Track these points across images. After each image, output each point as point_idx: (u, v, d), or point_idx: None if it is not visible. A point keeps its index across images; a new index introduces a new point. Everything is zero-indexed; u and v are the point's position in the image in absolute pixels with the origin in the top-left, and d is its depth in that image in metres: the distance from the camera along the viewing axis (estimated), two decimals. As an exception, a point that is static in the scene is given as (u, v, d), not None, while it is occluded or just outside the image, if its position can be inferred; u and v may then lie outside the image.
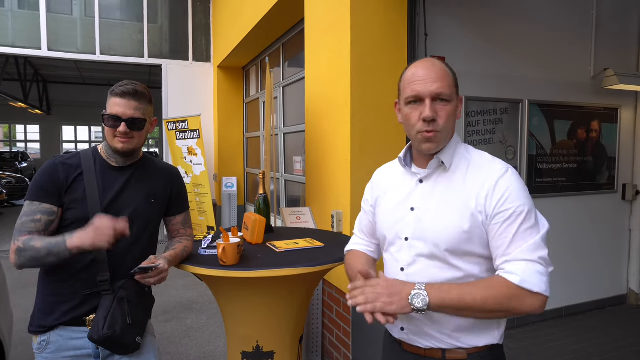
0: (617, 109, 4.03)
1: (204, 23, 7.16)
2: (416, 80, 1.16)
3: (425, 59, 1.23)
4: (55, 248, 1.39)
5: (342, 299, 2.86)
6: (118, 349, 1.48)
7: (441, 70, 1.17)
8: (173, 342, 3.54)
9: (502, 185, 1.12)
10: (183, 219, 1.79)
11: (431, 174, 1.22)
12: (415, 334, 1.23)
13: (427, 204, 1.20)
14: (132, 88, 1.51)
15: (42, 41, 6.39)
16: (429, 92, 1.14)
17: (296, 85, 4.56)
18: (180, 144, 5.79)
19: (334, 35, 2.87)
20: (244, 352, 1.94)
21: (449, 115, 1.16)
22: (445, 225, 1.14)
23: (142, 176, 1.63)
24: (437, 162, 1.20)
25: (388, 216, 1.29)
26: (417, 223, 1.20)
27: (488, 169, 1.16)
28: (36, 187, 1.47)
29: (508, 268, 1.07)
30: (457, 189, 1.17)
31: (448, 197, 1.17)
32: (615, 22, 3.94)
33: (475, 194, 1.13)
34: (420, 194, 1.22)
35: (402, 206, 1.25)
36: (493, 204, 1.11)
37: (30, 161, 17.61)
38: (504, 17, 3.41)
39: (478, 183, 1.15)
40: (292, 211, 3.10)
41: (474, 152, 1.24)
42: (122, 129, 1.49)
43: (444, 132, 1.16)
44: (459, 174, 1.19)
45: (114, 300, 1.46)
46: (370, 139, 2.75)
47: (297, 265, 1.70)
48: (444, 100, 1.15)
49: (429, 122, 1.14)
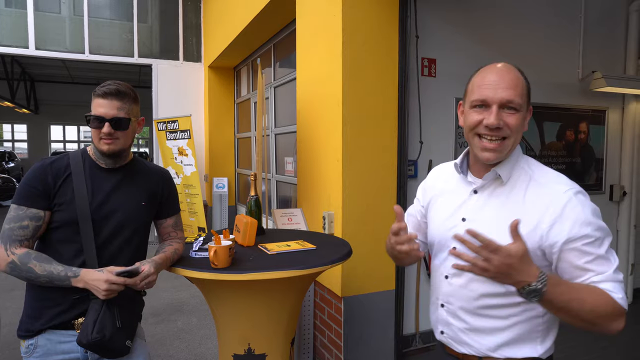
0: (604, 110, 4.08)
1: (195, 23, 7.11)
2: (486, 84, 1.11)
3: (502, 64, 1.16)
4: (56, 280, 1.41)
5: (334, 301, 2.86)
6: (107, 353, 1.47)
7: (515, 77, 1.12)
8: (163, 345, 3.52)
9: (572, 211, 1.06)
10: (174, 221, 1.78)
11: (487, 186, 1.18)
12: (453, 339, 1.24)
13: (479, 216, 1.16)
14: (114, 88, 1.49)
15: (29, 40, 6.30)
16: (498, 98, 1.09)
17: (288, 86, 4.55)
18: (171, 145, 5.75)
19: (326, 36, 2.87)
20: (235, 354, 1.93)
21: (517, 125, 1.10)
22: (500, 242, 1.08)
23: (133, 178, 1.61)
24: (494, 175, 1.15)
25: (439, 223, 1.27)
26: None
27: (552, 190, 1.10)
28: (24, 190, 1.45)
29: (604, 287, 1.03)
30: (514, 206, 1.12)
31: (503, 213, 1.12)
32: (602, 25, 3.99)
33: (537, 216, 1.08)
34: (473, 205, 1.19)
35: (454, 215, 1.22)
36: (564, 232, 1.05)
37: (18, 161, 17.35)
38: (494, 19, 3.44)
39: (541, 205, 1.09)
40: (283, 212, 3.09)
41: (535, 167, 1.18)
42: (106, 129, 1.46)
43: (507, 143, 1.11)
44: (517, 190, 1.13)
45: (104, 304, 1.45)
46: (362, 140, 2.76)
47: (289, 267, 1.70)
48: (512, 108, 1.10)
49: (492, 130, 1.09)
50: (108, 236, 1.52)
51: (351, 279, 2.77)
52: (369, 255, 2.81)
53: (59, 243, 1.48)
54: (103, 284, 1.39)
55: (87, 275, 1.41)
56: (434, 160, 3.18)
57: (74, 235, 1.47)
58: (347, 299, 2.77)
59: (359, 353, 2.82)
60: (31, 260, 1.40)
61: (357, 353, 2.81)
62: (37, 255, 1.43)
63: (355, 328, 2.80)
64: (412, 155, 3.09)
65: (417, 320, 3.21)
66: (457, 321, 1.22)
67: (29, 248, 1.46)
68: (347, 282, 2.77)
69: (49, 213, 1.47)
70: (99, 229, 1.50)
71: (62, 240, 1.48)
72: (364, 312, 2.83)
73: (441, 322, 1.27)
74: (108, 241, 1.52)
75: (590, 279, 1.05)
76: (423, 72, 3.14)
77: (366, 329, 2.84)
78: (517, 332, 1.14)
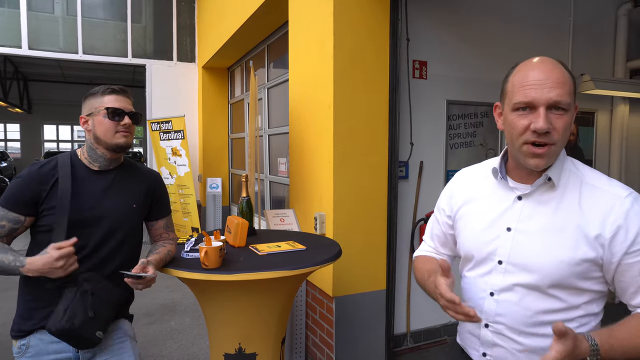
0: (593, 113, 4.14)
1: (189, 23, 7.12)
2: (530, 83, 0.99)
3: (543, 58, 1.03)
4: (6, 269, 1.39)
5: (325, 300, 2.89)
6: (76, 342, 1.45)
7: (562, 73, 1.00)
8: (156, 345, 3.53)
9: (635, 218, 0.98)
10: (165, 223, 1.80)
11: (534, 192, 1.08)
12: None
13: (529, 225, 1.06)
14: (123, 87, 1.58)
15: (22, 40, 6.28)
16: (546, 99, 0.98)
17: (281, 87, 4.58)
18: (165, 145, 5.75)
19: (317, 38, 2.90)
20: (226, 354, 1.95)
21: (566, 128, 1.00)
22: (556, 255, 1.01)
23: (124, 180, 1.63)
24: (545, 180, 1.05)
25: (477, 233, 1.16)
26: (515, 247, 1.07)
27: (611, 194, 1.02)
28: (10, 194, 1.47)
29: None
30: (569, 212, 1.02)
31: (557, 221, 1.03)
32: (591, 29, 4.05)
33: (599, 223, 0.99)
34: (518, 213, 1.08)
35: (496, 224, 1.11)
36: (627, 241, 0.97)
37: (10, 161, 17.23)
38: (485, 22, 3.48)
39: (601, 210, 1.00)
40: (275, 213, 3.12)
41: (583, 168, 1.09)
42: (127, 121, 1.52)
43: (557, 147, 1.01)
44: (570, 194, 1.04)
45: (77, 292, 1.44)
46: (353, 142, 2.79)
47: (279, 268, 1.73)
48: (561, 109, 0.99)
49: (541, 135, 0.99)
50: (100, 238, 1.53)
51: (342, 279, 2.80)
52: (360, 256, 2.84)
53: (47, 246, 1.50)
54: (58, 262, 1.35)
55: (35, 264, 1.37)
56: (424, 161, 3.22)
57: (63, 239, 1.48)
58: (339, 299, 2.80)
59: (350, 352, 2.85)
60: None
61: (348, 352, 2.84)
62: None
63: (346, 327, 2.83)
64: (403, 157, 3.12)
65: (408, 320, 3.25)
66: (507, 342, 1.09)
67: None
68: (339, 282, 2.80)
69: (31, 219, 1.48)
70: (91, 232, 1.51)
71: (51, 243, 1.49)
72: (355, 311, 2.86)
73: (485, 344, 1.14)
74: (100, 243, 1.53)
75: None
76: (414, 75, 3.18)
77: (357, 329, 2.87)
78: None
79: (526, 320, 1.07)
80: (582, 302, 1.04)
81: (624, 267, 0.98)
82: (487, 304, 1.12)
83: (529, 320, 1.06)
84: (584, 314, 1.06)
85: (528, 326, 1.07)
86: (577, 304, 1.04)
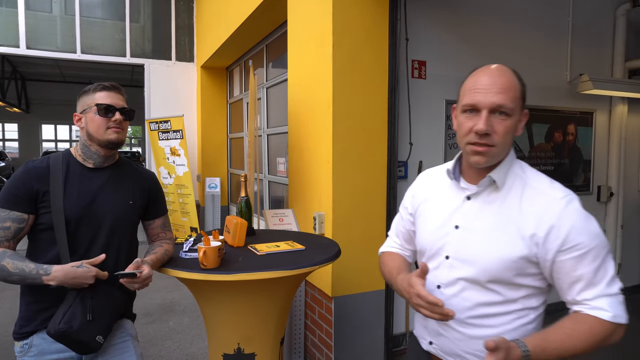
0: (592, 113, 4.14)
1: (187, 23, 7.11)
2: (477, 88, 1.08)
3: (497, 66, 1.11)
4: (29, 278, 1.39)
5: (324, 300, 2.89)
6: (75, 346, 1.44)
7: (508, 80, 1.07)
8: (155, 345, 3.52)
9: (568, 219, 1.04)
10: (162, 222, 1.79)
11: (481, 192, 1.15)
12: (443, 351, 1.21)
13: (474, 224, 1.13)
14: (114, 83, 1.58)
15: (20, 39, 6.26)
16: (490, 103, 1.05)
17: (280, 87, 4.57)
18: (163, 145, 5.74)
19: (316, 38, 2.89)
20: (225, 354, 1.95)
21: (507, 131, 1.07)
22: (495, 251, 1.08)
23: (120, 178, 1.62)
24: (489, 181, 1.12)
25: (429, 230, 1.23)
26: (460, 243, 1.15)
27: (549, 196, 1.08)
28: (7, 193, 1.46)
29: (594, 304, 1.03)
30: (509, 212, 1.09)
31: (499, 221, 1.10)
32: (590, 29, 4.05)
33: (533, 224, 1.05)
34: (466, 212, 1.16)
35: (447, 222, 1.18)
36: (559, 240, 1.04)
37: (9, 160, 17.19)
38: (484, 22, 3.48)
39: (537, 211, 1.06)
40: (274, 213, 3.11)
41: (529, 172, 1.15)
42: (118, 117, 1.52)
43: (498, 148, 1.08)
44: (513, 195, 1.11)
45: (78, 295, 1.44)
46: (352, 142, 2.79)
47: (277, 268, 1.72)
48: (504, 113, 1.06)
49: (482, 136, 1.06)
50: (97, 236, 1.53)
51: (342, 279, 2.80)
52: (359, 256, 2.83)
53: (47, 245, 1.49)
54: (91, 279, 1.40)
55: (68, 274, 1.38)
56: (424, 161, 3.21)
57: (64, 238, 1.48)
58: (338, 299, 2.80)
59: (349, 352, 2.85)
60: (5, 258, 1.40)
61: (347, 352, 2.84)
62: (12, 254, 1.42)
63: (345, 327, 2.83)
64: (402, 157, 3.12)
65: (407, 320, 3.25)
66: (449, 332, 1.18)
67: (10, 249, 1.46)
68: (338, 282, 2.80)
69: (34, 216, 1.48)
70: (87, 230, 1.51)
71: (50, 242, 1.48)
72: (354, 311, 2.86)
73: (431, 333, 1.23)
74: (97, 241, 1.53)
75: (581, 293, 1.05)
76: (413, 74, 3.17)
77: (356, 329, 2.87)
78: None
79: (467, 312, 1.14)
80: (520, 296, 1.11)
81: (558, 264, 1.05)
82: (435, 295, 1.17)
83: (469, 312, 1.14)
84: (522, 307, 1.12)
85: (467, 317, 1.14)
86: (515, 298, 1.11)
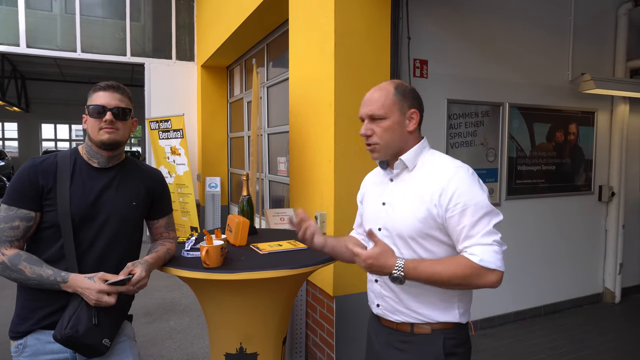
0: (593, 112, 4.13)
1: (188, 22, 7.10)
2: (362, 103, 1.42)
3: (377, 86, 1.43)
4: (46, 284, 1.40)
5: (326, 300, 2.88)
6: (82, 350, 1.44)
7: (379, 93, 1.38)
8: (156, 344, 3.52)
9: (454, 182, 1.28)
10: (166, 222, 1.78)
11: (399, 174, 1.43)
12: (388, 310, 1.42)
13: (395, 199, 1.40)
14: (114, 83, 1.57)
15: (20, 37, 6.25)
16: (364, 113, 1.40)
17: (280, 86, 4.56)
18: (163, 144, 5.73)
19: (318, 37, 2.88)
20: (227, 353, 1.94)
21: (384, 130, 1.36)
22: (405, 216, 1.34)
23: (125, 178, 1.61)
24: (402, 164, 1.40)
25: (368, 211, 1.52)
26: (387, 215, 1.41)
27: (443, 168, 1.33)
28: (14, 191, 1.45)
29: (470, 250, 1.23)
30: (416, 186, 1.36)
31: (408, 193, 1.37)
32: (592, 28, 4.04)
33: (430, 190, 1.31)
34: (390, 191, 1.44)
35: (377, 201, 1.47)
36: (447, 199, 1.27)
37: (8, 160, 17.17)
38: (485, 21, 3.48)
39: (434, 181, 1.32)
40: (275, 212, 3.11)
41: (438, 156, 1.41)
42: (108, 117, 1.50)
43: (381, 145, 1.38)
44: (419, 173, 1.38)
45: (82, 299, 1.43)
46: (354, 141, 2.78)
47: (280, 267, 1.71)
48: (379, 119, 1.37)
49: (368, 137, 1.39)
50: (98, 235, 1.52)
51: (343, 278, 2.79)
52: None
53: (48, 243, 1.48)
54: (94, 294, 1.39)
55: (77, 283, 1.40)
56: (425, 160, 3.20)
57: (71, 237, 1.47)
58: (339, 298, 2.79)
59: (350, 352, 2.84)
60: (21, 262, 1.40)
61: (348, 352, 2.83)
62: (28, 257, 1.42)
63: (346, 327, 2.82)
64: (403, 156, 3.11)
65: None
66: (389, 292, 1.41)
67: (20, 249, 1.46)
68: (339, 282, 2.79)
69: (40, 214, 1.47)
70: (89, 229, 1.50)
71: (52, 241, 1.48)
72: (355, 311, 2.85)
73: (377, 296, 1.45)
74: (98, 240, 1.52)
75: (463, 242, 1.25)
76: (415, 73, 3.16)
77: (358, 328, 2.86)
78: (435, 297, 1.34)
79: None
80: (441, 250, 1.33)
81: (448, 220, 1.28)
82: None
83: None
84: None
85: None
86: (437, 251, 1.33)
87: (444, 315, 1.35)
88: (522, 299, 3.88)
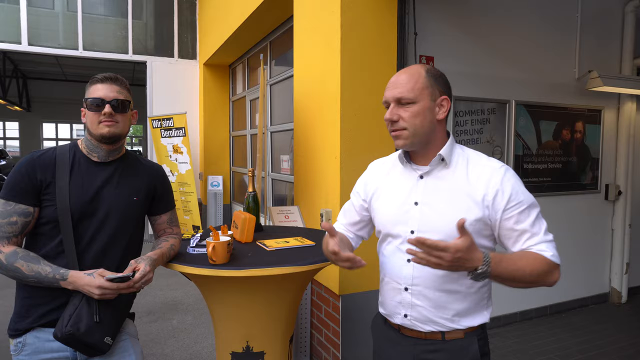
0: (600, 110, 4.10)
1: (190, 20, 7.07)
2: (387, 87, 1.30)
3: (406, 68, 1.32)
4: (45, 281, 1.37)
5: (331, 299, 2.84)
6: (83, 348, 1.41)
7: (409, 75, 1.27)
8: (158, 343, 3.48)
9: (508, 182, 1.24)
10: (169, 217, 1.75)
11: (431, 170, 1.30)
12: (419, 320, 1.31)
13: (432, 198, 1.28)
14: (112, 74, 1.53)
15: (22, 36, 6.22)
16: (391, 96, 1.27)
17: (283, 84, 4.53)
18: (166, 142, 5.70)
19: (324, 34, 2.85)
20: (233, 352, 1.91)
21: (413, 115, 1.25)
22: (455, 219, 1.18)
23: (126, 173, 1.58)
24: (439, 159, 1.28)
25: (391, 211, 1.35)
26: (422, 216, 1.28)
27: (490, 167, 1.27)
28: (11, 185, 1.41)
29: (537, 248, 1.20)
30: (460, 184, 1.26)
31: (453, 192, 1.26)
32: (598, 25, 4.01)
33: (483, 190, 1.24)
34: (422, 189, 1.30)
35: (405, 201, 1.32)
36: (504, 200, 1.22)
37: (9, 159, 17.15)
38: (492, 18, 3.44)
39: (483, 180, 1.25)
40: (280, 210, 3.07)
41: (468, 150, 1.34)
42: (107, 109, 1.46)
43: (409, 131, 1.26)
44: (460, 170, 1.28)
45: (83, 297, 1.40)
46: (360, 138, 2.74)
47: (289, 264, 1.68)
48: (407, 103, 1.25)
49: (393, 123, 1.28)
50: (99, 231, 1.48)
51: (349, 277, 2.76)
52: (366, 253, 2.78)
53: (46, 238, 1.45)
54: (96, 290, 1.36)
55: (77, 280, 1.37)
56: (431, 158, 3.17)
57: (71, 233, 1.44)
58: (345, 297, 2.75)
59: (356, 351, 2.80)
60: (18, 259, 1.36)
61: (354, 351, 2.80)
62: (25, 255, 1.38)
63: (353, 326, 2.79)
64: (410, 153, 3.07)
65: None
66: (423, 301, 1.29)
67: (17, 245, 1.42)
68: (345, 280, 2.75)
69: (38, 209, 1.43)
70: (88, 224, 1.47)
71: (51, 236, 1.44)
72: (361, 310, 2.81)
73: (406, 306, 1.33)
74: (98, 236, 1.48)
75: (526, 242, 1.22)
76: (421, 70, 3.13)
77: (364, 327, 2.83)
78: (471, 301, 1.28)
79: (437, 279, 1.27)
80: None
81: (504, 221, 1.23)
82: (405, 270, 1.31)
83: (440, 278, 1.27)
84: None
85: (440, 284, 1.27)
86: None
87: (479, 318, 1.30)
88: (528, 299, 3.84)
